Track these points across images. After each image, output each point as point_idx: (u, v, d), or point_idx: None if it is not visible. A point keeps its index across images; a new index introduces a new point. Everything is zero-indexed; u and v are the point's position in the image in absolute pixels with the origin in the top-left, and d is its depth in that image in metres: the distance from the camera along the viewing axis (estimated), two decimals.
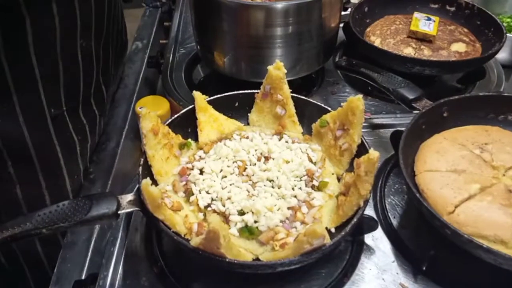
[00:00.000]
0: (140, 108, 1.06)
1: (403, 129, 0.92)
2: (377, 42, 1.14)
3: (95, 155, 1.02)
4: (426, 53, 1.09)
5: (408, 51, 1.10)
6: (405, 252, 0.76)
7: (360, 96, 0.75)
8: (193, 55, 1.27)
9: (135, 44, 1.41)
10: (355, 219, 0.65)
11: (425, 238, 0.77)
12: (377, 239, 0.79)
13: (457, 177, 0.74)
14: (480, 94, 0.85)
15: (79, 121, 0.91)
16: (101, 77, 0.97)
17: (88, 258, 0.81)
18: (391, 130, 0.99)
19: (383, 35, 1.16)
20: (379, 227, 0.78)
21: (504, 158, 0.77)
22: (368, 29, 1.21)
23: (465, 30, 1.18)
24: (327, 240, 0.61)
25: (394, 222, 0.81)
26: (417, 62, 1.03)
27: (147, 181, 0.61)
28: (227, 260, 0.60)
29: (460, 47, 1.11)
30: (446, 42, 1.12)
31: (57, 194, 0.89)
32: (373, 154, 0.63)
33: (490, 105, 0.86)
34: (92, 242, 0.83)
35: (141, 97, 1.13)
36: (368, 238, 0.79)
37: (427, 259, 0.71)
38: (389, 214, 0.82)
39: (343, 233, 0.63)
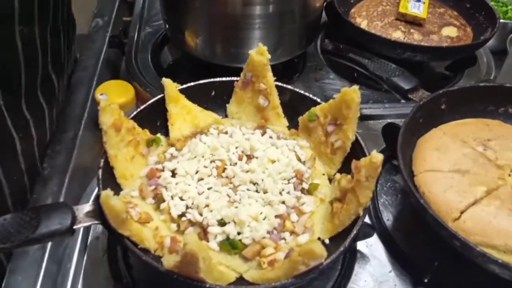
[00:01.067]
0: (100, 95, 0.94)
1: (394, 120, 0.86)
2: (363, 24, 1.05)
3: (49, 148, 0.89)
4: (416, 37, 1.01)
5: (397, 35, 1.02)
6: (402, 260, 0.69)
7: (356, 87, 0.66)
8: (160, 34, 1.14)
9: (94, 21, 1.26)
10: (354, 231, 0.56)
11: (423, 243, 0.70)
12: (371, 245, 0.71)
13: (461, 178, 0.67)
14: (481, 84, 0.78)
15: (21, 117, 0.78)
16: (51, 66, 0.83)
17: (42, 269, 0.69)
18: (380, 121, 0.93)
19: (369, 17, 1.07)
20: None
21: (508, 156, 0.70)
22: (352, 10, 1.12)
23: (455, 13, 1.11)
24: (323, 257, 0.52)
25: (388, 224, 0.74)
26: (409, 48, 0.94)
27: (107, 193, 0.50)
28: (207, 286, 0.50)
29: (451, 32, 1.03)
30: (437, 26, 1.05)
31: None
32: (376, 157, 0.54)
33: (490, 96, 0.79)
34: (47, 250, 0.71)
35: (102, 81, 1.00)
36: (362, 245, 0.71)
37: (428, 270, 0.64)
38: (383, 216, 0.75)
39: (341, 248, 0.55)
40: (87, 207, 0.57)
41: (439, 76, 1.09)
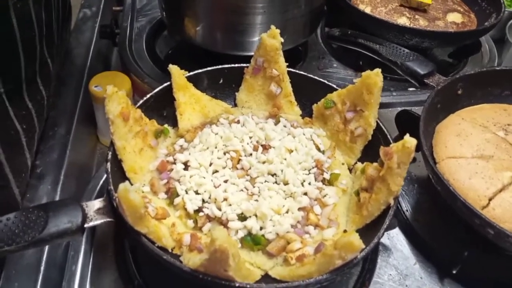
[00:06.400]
0: (95, 87, 0.88)
1: (406, 108, 0.83)
2: (367, 10, 1.02)
3: (42, 145, 0.83)
4: (421, 23, 0.99)
5: (403, 21, 0.99)
6: (426, 251, 0.66)
7: (379, 70, 0.63)
8: (154, 24, 1.09)
9: (82, 11, 1.19)
10: (387, 221, 0.53)
11: (446, 233, 0.68)
12: (393, 237, 0.69)
13: (485, 164, 0.64)
14: (497, 68, 0.76)
15: (23, 106, 0.71)
16: (46, 48, 0.77)
17: (40, 275, 0.63)
18: (390, 109, 0.90)
19: (372, 2, 1.04)
20: None
21: None
22: None
23: None
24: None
25: (408, 215, 0.71)
26: (417, 33, 0.92)
27: (126, 187, 0.45)
28: (237, 285, 0.46)
29: (456, 18, 1.01)
30: (441, 12, 1.02)
31: (0, 197, 0.69)
32: (410, 142, 0.51)
33: (507, 81, 0.77)
34: (45, 254, 0.65)
35: (93, 73, 0.94)
36: (383, 237, 0.68)
37: (457, 261, 0.61)
38: (402, 206, 0.72)
39: (375, 240, 0.51)
40: (97, 203, 0.52)
41: (443, 64, 1.07)
